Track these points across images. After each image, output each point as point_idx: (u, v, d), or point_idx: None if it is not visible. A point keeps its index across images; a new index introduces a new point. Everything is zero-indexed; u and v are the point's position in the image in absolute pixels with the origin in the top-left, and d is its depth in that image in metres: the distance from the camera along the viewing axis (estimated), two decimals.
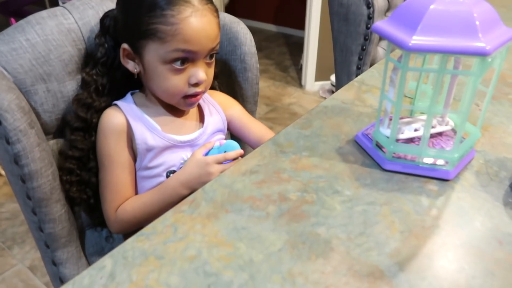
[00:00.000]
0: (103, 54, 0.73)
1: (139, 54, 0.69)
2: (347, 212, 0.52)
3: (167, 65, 0.67)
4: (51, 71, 0.71)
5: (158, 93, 0.73)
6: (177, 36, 0.65)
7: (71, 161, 0.74)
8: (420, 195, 0.55)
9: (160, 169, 0.73)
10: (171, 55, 0.66)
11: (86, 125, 0.74)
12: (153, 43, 0.66)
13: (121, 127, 0.71)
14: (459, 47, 0.48)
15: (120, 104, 0.73)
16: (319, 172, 0.60)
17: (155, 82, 0.71)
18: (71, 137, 0.74)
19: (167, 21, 0.64)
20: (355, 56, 1.44)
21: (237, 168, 0.61)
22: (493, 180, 0.58)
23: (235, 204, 0.54)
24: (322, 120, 0.73)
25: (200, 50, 0.68)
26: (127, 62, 0.72)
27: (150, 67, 0.69)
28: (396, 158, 0.60)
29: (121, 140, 0.72)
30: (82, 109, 0.73)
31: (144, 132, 0.72)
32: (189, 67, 0.69)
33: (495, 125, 0.72)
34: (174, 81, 0.69)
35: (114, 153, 0.71)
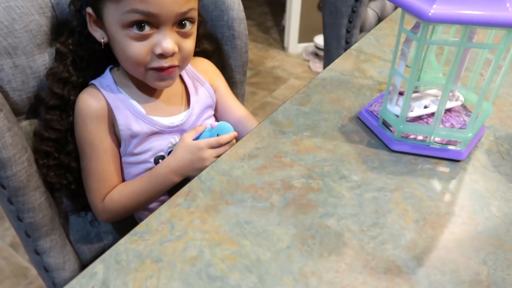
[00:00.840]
0: (80, 21, 0.64)
1: (101, 20, 0.60)
2: (357, 200, 0.49)
3: (126, 29, 0.57)
4: (17, 44, 0.62)
5: (123, 65, 0.64)
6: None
7: (48, 143, 0.67)
8: (431, 178, 0.52)
9: (147, 155, 0.67)
10: (128, 17, 0.56)
11: (62, 103, 0.66)
12: (110, 4, 0.57)
13: (101, 112, 0.64)
14: (486, 17, 0.43)
15: (99, 84, 0.65)
16: (323, 154, 0.55)
17: (117, 51, 0.62)
18: (46, 117, 0.66)
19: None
20: (345, 19, 1.37)
21: (234, 152, 0.56)
22: (504, 159, 0.55)
23: (236, 194, 0.49)
24: (321, 95, 0.68)
25: (161, 13, 0.56)
26: (95, 30, 0.62)
27: (111, 34, 0.60)
28: (404, 137, 0.56)
29: (103, 126, 0.64)
30: (58, 84, 0.65)
31: (128, 116, 0.65)
32: (153, 34, 0.58)
33: (501, 96, 0.68)
34: (134, 48, 0.58)
35: (95, 140, 0.64)
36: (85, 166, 0.67)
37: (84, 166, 0.67)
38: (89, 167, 0.66)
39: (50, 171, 0.68)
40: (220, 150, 0.62)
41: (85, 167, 0.67)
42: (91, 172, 0.66)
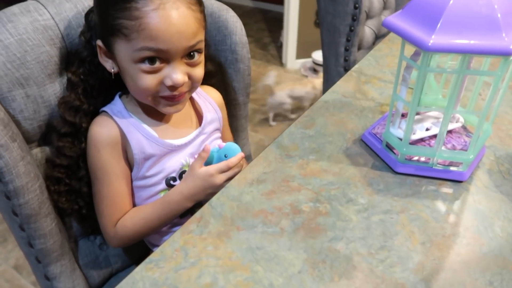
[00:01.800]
0: (90, 51, 0.66)
1: (112, 52, 0.62)
2: (364, 223, 0.50)
3: (137, 64, 0.59)
4: (29, 75, 0.64)
5: (133, 94, 0.66)
6: (142, 32, 0.56)
7: (59, 170, 0.68)
8: (436, 200, 0.53)
9: (159, 177, 0.69)
10: (139, 54, 0.58)
11: (74, 130, 0.67)
12: (120, 41, 0.58)
13: (113, 138, 0.65)
14: (483, 46, 0.45)
15: (110, 111, 0.67)
16: (329, 177, 0.57)
17: (127, 81, 0.63)
18: (58, 144, 0.68)
19: (130, 15, 0.56)
20: (343, 37, 1.40)
21: (243, 177, 0.57)
22: (506, 179, 0.57)
23: (246, 219, 0.50)
24: (325, 117, 0.70)
25: (171, 49, 0.58)
26: (105, 61, 0.64)
27: (122, 67, 0.62)
28: (408, 160, 0.57)
29: (115, 152, 0.66)
30: (70, 112, 0.66)
31: (140, 140, 0.66)
32: (164, 67, 0.60)
33: (500, 115, 0.70)
34: (145, 80, 0.60)
35: (108, 166, 0.66)
36: (97, 192, 0.68)
37: (96, 191, 0.68)
38: (101, 192, 0.67)
39: (61, 197, 0.69)
40: (230, 173, 0.64)
41: (98, 193, 0.68)
42: (104, 198, 0.67)
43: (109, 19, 0.58)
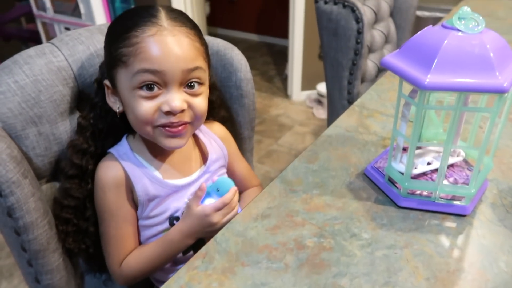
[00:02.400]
0: (101, 97, 0.68)
1: (116, 88, 0.64)
2: (368, 258, 0.50)
3: (136, 91, 0.60)
4: (42, 113, 0.67)
5: (134, 127, 0.66)
6: (139, 56, 0.57)
7: (67, 211, 0.70)
8: (439, 234, 0.53)
9: (163, 217, 0.70)
10: (137, 78, 0.58)
11: (81, 172, 0.69)
12: (120, 69, 0.60)
13: (119, 180, 0.67)
14: (477, 85, 0.47)
15: (116, 153, 0.69)
16: (333, 212, 0.58)
17: (128, 114, 0.64)
18: (65, 185, 0.69)
19: (129, 42, 0.58)
20: (346, 71, 1.43)
21: (247, 212, 0.58)
22: (509, 213, 0.57)
23: (251, 255, 0.51)
24: (328, 152, 0.71)
25: (168, 71, 0.58)
26: (112, 102, 0.66)
27: (124, 98, 0.63)
28: (411, 194, 0.58)
29: (121, 194, 0.67)
30: (77, 155, 0.68)
31: (145, 182, 0.68)
32: (162, 93, 0.60)
33: (501, 148, 0.71)
34: (143, 107, 0.60)
35: (114, 208, 0.67)
36: (104, 232, 0.69)
37: (103, 231, 0.69)
38: (107, 233, 0.69)
39: (69, 237, 0.70)
40: (226, 211, 0.64)
41: (104, 233, 0.69)
42: (110, 238, 0.68)
43: (112, 51, 0.61)
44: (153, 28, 0.58)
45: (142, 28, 0.58)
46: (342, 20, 1.35)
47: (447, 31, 0.50)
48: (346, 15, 1.34)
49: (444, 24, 0.51)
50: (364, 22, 1.33)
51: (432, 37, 0.50)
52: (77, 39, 0.73)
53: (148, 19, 0.59)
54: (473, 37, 0.48)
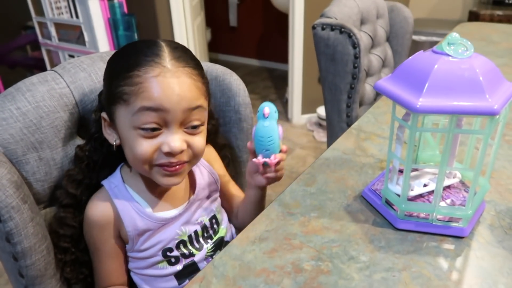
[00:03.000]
0: (97, 128, 0.69)
1: (114, 123, 0.63)
2: (366, 282, 0.50)
3: (136, 130, 0.59)
4: (43, 139, 0.68)
5: (131, 164, 0.66)
6: (141, 94, 0.57)
7: (65, 239, 0.70)
8: (437, 256, 0.53)
9: (155, 249, 0.69)
10: (138, 117, 0.58)
11: (76, 202, 0.70)
12: (121, 107, 0.60)
13: (106, 219, 0.67)
14: (468, 108, 0.48)
15: (108, 185, 0.69)
16: (331, 235, 0.57)
17: (126, 150, 0.63)
18: (61, 214, 0.70)
19: (132, 81, 0.58)
20: (344, 94, 1.45)
21: (245, 235, 0.58)
22: (507, 234, 0.57)
23: (248, 279, 0.51)
24: (326, 174, 0.72)
25: (170, 109, 0.58)
26: (108, 134, 0.66)
27: (122, 135, 0.62)
28: (408, 216, 0.58)
29: (106, 231, 0.68)
30: (72, 185, 0.69)
31: (134, 217, 0.67)
32: (162, 133, 0.60)
33: (498, 170, 0.71)
34: (142, 146, 0.60)
35: (99, 243, 0.69)
36: (93, 265, 0.72)
37: (93, 265, 0.72)
38: (95, 266, 0.71)
39: (66, 266, 0.71)
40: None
41: (94, 266, 0.72)
42: (97, 272, 0.71)
43: (112, 88, 0.60)
44: (157, 69, 0.58)
45: (145, 68, 0.58)
46: (339, 45, 1.38)
47: (438, 56, 0.51)
48: (343, 41, 1.37)
49: (434, 49, 0.53)
50: (360, 47, 1.36)
51: (423, 62, 0.52)
52: (79, 66, 0.75)
53: (151, 59, 0.58)
54: (462, 62, 0.50)
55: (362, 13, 1.53)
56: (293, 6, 2.57)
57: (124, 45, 0.65)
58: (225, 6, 4.07)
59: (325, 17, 1.43)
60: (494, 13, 2.49)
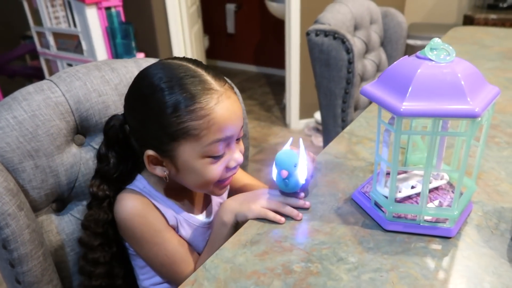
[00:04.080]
0: (115, 167, 0.69)
1: (170, 157, 0.64)
2: (355, 282, 0.51)
3: (206, 158, 0.63)
4: (39, 147, 0.70)
5: (191, 187, 0.69)
6: (212, 127, 0.60)
7: (97, 278, 0.71)
8: (425, 256, 0.54)
9: None
10: (211, 148, 0.61)
11: (105, 239, 0.70)
12: (187, 142, 0.61)
13: (150, 204, 0.68)
14: (450, 111, 0.49)
15: (136, 187, 0.70)
16: (321, 237, 0.59)
17: (190, 178, 0.65)
18: (93, 256, 0.70)
19: (197, 116, 0.59)
20: (339, 99, 1.47)
21: (237, 239, 0.59)
22: (494, 234, 0.58)
23: (239, 281, 0.52)
24: (318, 178, 0.73)
25: (234, 134, 0.63)
26: (153, 168, 0.67)
27: (186, 166, 0.64)
28: (397, 217, 0.59)
29: (159, 214, 0.68)
30: (98, 226, 0.69)
31: (171, 212, 0.70)
32: (226, 152, 0.65)
33: (486, 171, 0.73)
34: (214, 171, 0.64)
35: (160, 225, 0.68)
36: (162, 258, 0.68)
37: (160, 260, 0.69)
38: (167, 254, 0.68)
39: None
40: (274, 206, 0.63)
41: (163, 258, 0.68)
42: (173, 258, 0.68)
43: (172, 126, 0.60)
44: (214, 95, 0.60)
45: (204, 98, 0.59)
46: (333, 51, 1.40)
47: (421, 61, 0.53)
48: (337, 46, 1.39)
49: (418, 54, 0.54)
50: (354, 52, 1.38)
51: (407, 67, 0.53)
52: (74, 75, 0.77)
53: (202, 87, 0.60)
54: (444, 66, 0.51)
55: (356, 19, 1.55)
56: (289, 13, 2.60)
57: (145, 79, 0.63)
58: (223, 14, 4.10)
59: (319, 23, 1.45)
60: (489, 17, 2.52)
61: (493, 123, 0.90)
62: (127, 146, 0.70)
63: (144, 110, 0.63)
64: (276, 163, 0.61)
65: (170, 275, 0.70)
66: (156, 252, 0.68)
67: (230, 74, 4.23)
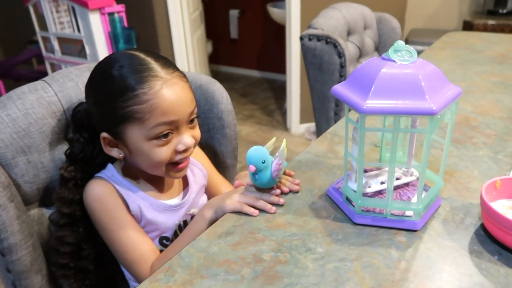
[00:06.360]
0: (80, 150, 0.74)
1: (121, 139, 0.69)
2: (320, 270, 0.54)
3: (152, 141, 0.66)
4: (31, 143, 0.73)
5: (146, 169, 0.72)
6: (155, 111, 0.64)
7: (63, 257, 0.74)
8: (389, 248, 0.57)
9: (153, 235, 0.74)
10: (154, 131, 0.65)
11: (72, 220, 0.74)
12: (133, 125, 0.65)
13: (113, 193, 0.72)
14: (409, 108, 0.52)
15: (105, 175, 0.74)
16: (293, 229, 0.61)
17: (141, 160, 0.69)
18: (59, 234, 0.74)
19: (140, 100, 0.63)
20: (332, 102, 1.50)
21: (213, 230, 0.62)
22: (458, 227, 0.60)
23: (211, 268, 0.55)
24: (296, 175, 0.76)
25: (180, 118, 0.67)
26: (110, 150, 0.71)
27: (135, 148, 0.68)
28: (366, 211, 0.62)
29: (117, 201, 0.71)
30: (65, 206, 0.73)
31: (135, 199, 0.73)
32: (174, 136, 0.68)
33: (460, 170, 0.75)
34: (162, 153, 0.67)
35: (118, 213, 0.70)
36: (116, 245, 0.71)
37: (115, 246, 0.71)
38: (120, 241, 0.70)
39: (69, 279, 0.75)
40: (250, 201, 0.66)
41: (117, 245, 0.71)
42: (125, 245, 0.70)
43: (118, 110, 0.65)
44: (157, 82, 0.65)
45: (148, 84, 0.64)
46: (326, 55, 1.43)
47: (385, 62, 0.56)
48: (329, 51, 1.42)
49: (383, 56, 0.57)
50: (346, 56, 1.41)
51: (372, 67, 0.56)
52: (67, 76, 0.81)
53: (147, 74, 0.65)
54: (406, 66, 0.54)
55: (349, 24, 1.58)
56: (290, 18, 2.64)
57: (101, 67, 0.69)
58: (226, 19, 4.16)
59: (312, 28, 1.49)
60: (488, 23, 2.53)
61: (473, 124, 0.92)
62: (93, 131, 0.74)
63: (97, 95, 0.69)
64: (247, 158, 0.64)
65: (124, 263, 0.72)
66: (111, 238, 0.71)
67: (232, 79, 4.28)
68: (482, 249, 0.56)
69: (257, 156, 0.63)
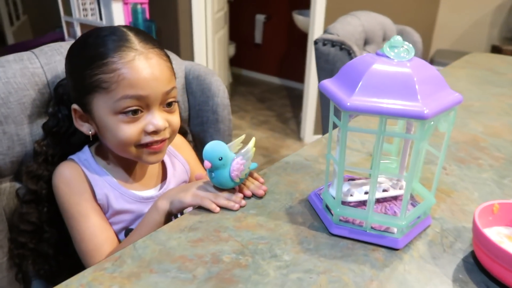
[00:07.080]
0: (54, 124, 0.70)
1: (89, 112, 0.65)
2: (281, 280, 0.48)
3: (118, 115, 0.62)
4: (9, 114, 0.71)
5: (114, 149, 0.67)
6: (122, 82, 0.59)
7: (24, 235, 0.71)
8: (363, 264, 0.51)
9: (118, 227, 0.70)
10: (119, 104, 0.60)
11: (37, 197, 0.70)
12: (99, 95, 0.61)
13: (80, 178, 0.68)
14: (397, 110, 0.46)
15: (77, 158, 0.70)
16: (262, 232, 0.56)
17: (108, 137, 0.64)
18: (22, 211, 0.71)
19: (108, 69, 0.59)
20: None
21: (176, 223, 0.58)
22: (445, 252, 0.54)
23: (163, 263, 0.50)
24: (280, 177, 0.71)
25: (150, 95, 0.61)
26: (81, 125, 0.68)
27: (101, 123, 0.63)
28: (345, 222, 0.56)
29: (85, 188, 0.67)
30: (32, 181, 0.69)
31: (104, 187, 0.69)
32: (144, 115, 0.63)
33: (459, 191, 0.68)
34: (128, 130, 0.62)
35: (81, 200, 0.66)
36: (75, 232, 0.67)
37: (73, 234, 0.67)
38: (78, 229, 0.66)
39: (26, 260, 0.71)
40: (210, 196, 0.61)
41: (75, 233, 0.67)
42: (83, 234, 0.66)
43: (86, 78, 0.62)
44: (130, 53, 0.61)
45: (119, 53, 0.60)
46: (339, 62, 1.38)
47: (378, 58, 0.50)
48: (342, 57, 1.37)
49: (377, 51, 0.52)
50: None
51: (363, 63, 0.51)
52: (57, 50, 0.78)
53: (121, 44, 0.61)
54: (400, 64, 0.49)
55: (367, 33, 1.52)
56: (313, 26, 2.60)
57: (82, 36, 0.66)
58: (252, 23, 4.14)
59: (327, 33, 1.44)
60: None
61: (481, 144, 0.85)
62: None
63: (72, 63, 0.66)
64: (203, 153, 0.59)
65: (79, 253, 0.67)
66: (71, 225, 0.67)
67: (252, 83, 4.25)
68: (468, 278, 0.49)
69: (213, 151, 0.58)
